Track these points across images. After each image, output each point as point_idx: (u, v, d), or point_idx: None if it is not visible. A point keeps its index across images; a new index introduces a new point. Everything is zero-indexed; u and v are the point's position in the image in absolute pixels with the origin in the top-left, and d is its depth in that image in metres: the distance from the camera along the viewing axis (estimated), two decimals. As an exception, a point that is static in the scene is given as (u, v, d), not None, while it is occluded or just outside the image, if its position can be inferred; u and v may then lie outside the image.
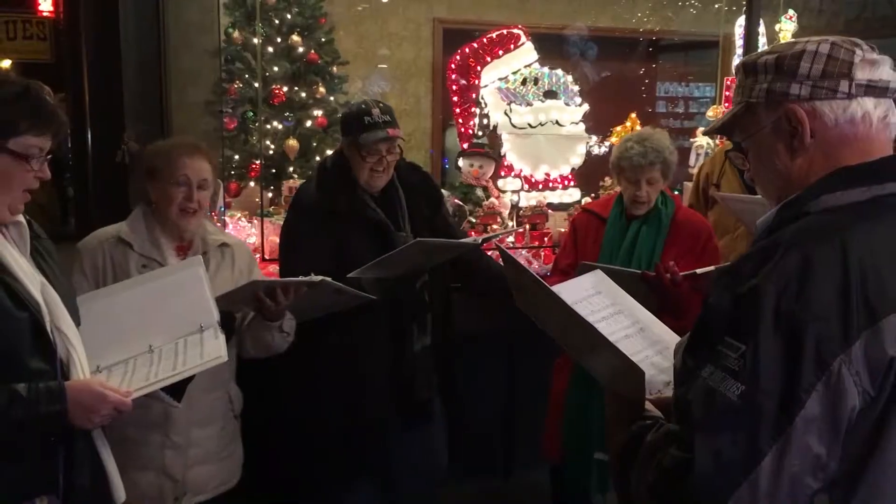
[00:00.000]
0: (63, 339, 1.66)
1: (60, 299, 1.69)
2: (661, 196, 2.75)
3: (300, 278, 2.22)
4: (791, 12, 5.18)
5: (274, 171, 4.74)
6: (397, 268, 2.56)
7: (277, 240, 3.79)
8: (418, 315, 2.74)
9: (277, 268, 3.45)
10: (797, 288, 1.05)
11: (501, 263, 3.57)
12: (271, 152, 4.59)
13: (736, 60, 5.22)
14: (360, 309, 2.53)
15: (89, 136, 4.41)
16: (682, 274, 2.49)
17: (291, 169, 4.65)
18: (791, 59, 1.20)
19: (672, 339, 1.61)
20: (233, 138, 4.77)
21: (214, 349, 1.82)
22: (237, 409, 2.41)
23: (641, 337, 1.58)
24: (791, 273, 1.06)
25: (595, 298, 1.62)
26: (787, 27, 5.18)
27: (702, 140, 4.82)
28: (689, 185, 4.85)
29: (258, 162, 4.59)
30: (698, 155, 4.83)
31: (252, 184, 4.67)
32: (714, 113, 5.25)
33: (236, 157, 4.72)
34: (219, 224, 3.62)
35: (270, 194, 4.13)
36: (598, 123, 4.80)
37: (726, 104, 5.14)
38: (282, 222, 3.89)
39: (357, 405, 2.64)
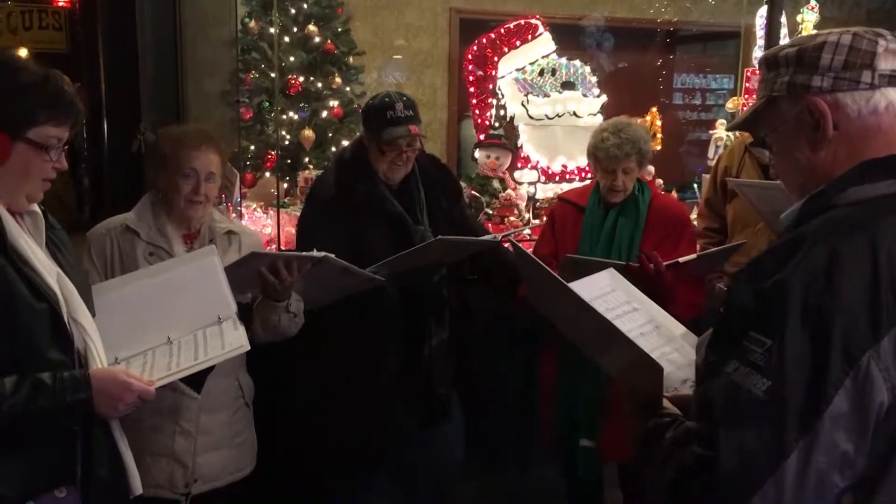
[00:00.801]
0: (80, 331, 1.65)
1: (76, 290, 1.68)
2: (638, 183, 2.76)
3: (302, 253, 2.20)
4: (813, 2, 5.10)
5: (289, 161, 4.73)
6: (415, 264, 2.54)
7: (293, 230, 3.82)
8: (436, 309, 2.72)
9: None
10: (825, 282, 1.04)
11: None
12: (287, 143, 4.58)
13: (757, 52, 5.14)
14: (378, 303, 2.51)
15: (105, 126, 4.43)
16: (665, 263, 2.48)
17: (307, 160, 4.64)
18: (812, 52, 1.19)
19: (688, 337, 1.59)
20: (248, 128, 4.76)
21: (236, 339, 1.81)
22: (248, 397, 2.40)
23: (657, 334, 1.57)
24: (818, 267, 1.05)
25: (611, 296, 1.60)
26: (809, 18, 5.09)
27: (721, 132, 4.78)
28: (706, 176, 4.82)
29: (274, 152, 4.57)
30: (717, 147, 4.78)
31: (268, 174, 4.66)
32: (734, 104, 5.19)
33: (252, 147, 4.71)
34: (234, 215, 3.62)
35: (286, 185, 4.12)
36: (615, 115, 4.75)
37: (746, 96, 5.08)
38: (298, 213, 3.91)
39: (374, 401, 2.62)
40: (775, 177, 1.33)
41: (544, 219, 4.11)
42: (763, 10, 5.06)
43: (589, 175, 4.60)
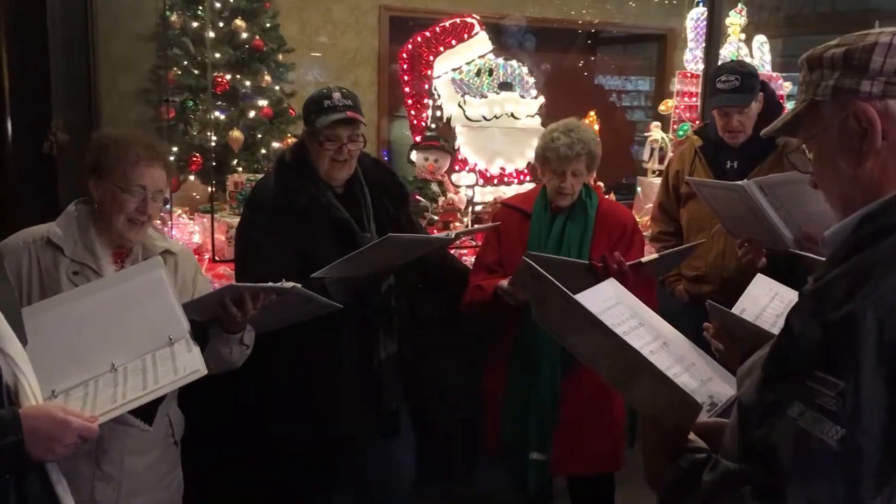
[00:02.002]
0: (8, 362, 1.44)
1: (2, 314, 1.46)
2: (585, 188, 2.71)
3: (271, 284, 2.03)
4: (740, 6, 5.19)
5: (215, 164, 4.48)
6: (366, 266, 2.44)
7: (223, 238, 3.61)
8: (384, 320, 2.62)
9: (227, 269, 3.28)
10: None
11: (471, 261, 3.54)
12: (213, 144, 4.33)
13: (687, 54, 5.19)
14: (325, 315, 2.36)
15: (9, 125, 4.09)
16: (628, 264, 2.43)
17: (235, 162, 4.40)
18: (862, 53, 1.08)
19: (696, 355, 1.49)
20: (171, 129, 4.49)
21: (190, 362, 1.63)
22: (178, 435, 2.19)
23: (666, 352, 1.46)
24: (894, 297, 0.95)
25: (616, 310, 1.49)
26: (736, 21, 5.18)
27: (656, 134, 4.79)
28: (643, 179, 4.83)
29: (199, 155, 4.32)
30: (653, 149, 4.79)
31: (192, 178, 4.40)
32: (666, 107, 5.23)
33: (175, 149, 4.43)
34: (157, 221, 3.37)
35: (212, 189, 3.88)
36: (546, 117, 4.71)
37: (678, 98, 5.12)
38: (227, 219, 3.70)
39: (324, 418, 2.52)
40: (814, 186, 1.22)
41: (482, 221, 4.04)
42: (693, 13, 5.13)
43: (528, 178, 4.55)
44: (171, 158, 4.31)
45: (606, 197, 3.63)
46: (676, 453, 1.17)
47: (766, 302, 1.94)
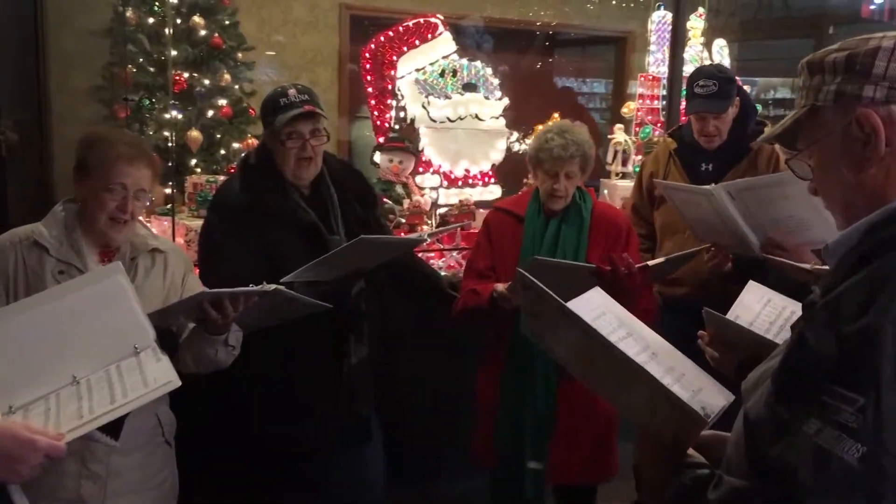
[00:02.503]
0: None
1: None
2: (578, 191, 2.67)
3: (252, 287, 1.98)
4: (701, 10, 5.23)
5: (171, 164, 4.35)
6: (337, 269, 2.39)
7: (182, 241, 3.50)
8: (355, 325, 2.56)
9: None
10: None
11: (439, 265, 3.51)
12: (171, 144, 4.20)
13: (649, 57, 5.22)
14: (295, 321, 2.31)
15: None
16: (637, 266, 2.40)
17: (194, 163, 4.28)
18: (864, 58, 1.06)
19: (685, 364, 1.46)
20: (125, 128, 4.34)
21: (161, 373, 1.55)
22: (168, 434, 2.15)
23: (656, 363, 1.43)
24: None
25: (603, 320, 1.45)
26: (697, 24, 5.23)
27: (619, 136, 4.80)
28: (606, 181, 4.84)
29: (155, 155, 4.18)
30: (616, 151, 4.80)
31: (149, 179, 4.27)
32: (628, 110, 5.25)
33: (130, 149, 4.29)
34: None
35: (173, 191, 3.77)
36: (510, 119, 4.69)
37: (640, 100, 5.14)
38: (187, 222, 3.60)
39: (295, 424, 2.46)
40: (814, 193, 1.19)
41: (458, 226, 3.99)
42: (655, 16, 5.15)
43: (492, 180, 4.52)
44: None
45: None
46: (677, 469, 1.14)
47: (760, 309, 1.92)
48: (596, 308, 1.45)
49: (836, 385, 0.93)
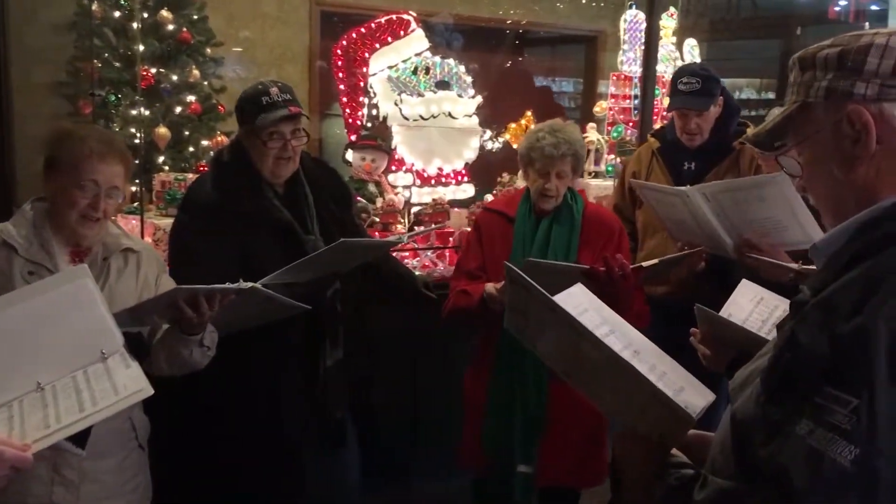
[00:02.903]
0: None
1: None
2: (570, 192, 2.64)
3: (228, 285, 1.93)
4: (673, 10, 5.25)
5: (138, 162, 4.26)
6: (315, 271, 2.34)
7: (150, 240, 3.42)
8: (330, 327, 2.52)
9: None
10: None
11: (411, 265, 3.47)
12: (138, 141, 4.11)
13: (621, 56, 5.22)
14: (270, 323, 2.27)
15: None
16: (630, 267, 2.38)
17: (162, 160, 4.19)
18: (856, 54, 1.04)
19: (667, 363, 1.45)
20: (89, 125, 4.24)
21: (132, 381, 1.50)
22: (142, 438, 2.11)
23: (638, 361, 1.41)
24: None
25: (586, 316, 1.42)
26: (668, 24, 5.24)
27: (592, 135, 4.80)
28: (579, 180, 4.83)
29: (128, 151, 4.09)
30: (589, 150, 4.79)
31: (114, 176, 4.17)
32: (600, 109, 5.25)
33: (95, 146, 4.19)
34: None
35: (141, 189, 3.69)
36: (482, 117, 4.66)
37: (612, 100, 5.15)
38: (155, 220, 3.52)
39: (270, 429, 2.43)
40: (803, 191, 1.18)
41: (420, 227, 3.96)
42: (627, 14, 5.16)
43: (466, 179, 4.49)
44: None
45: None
46: (661, 469, 1.12)
47: (752, 307, 1.92)
48: (579, 304, 1.43)
49: (829, 386, 0.91)
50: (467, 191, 4.45)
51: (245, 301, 1.99)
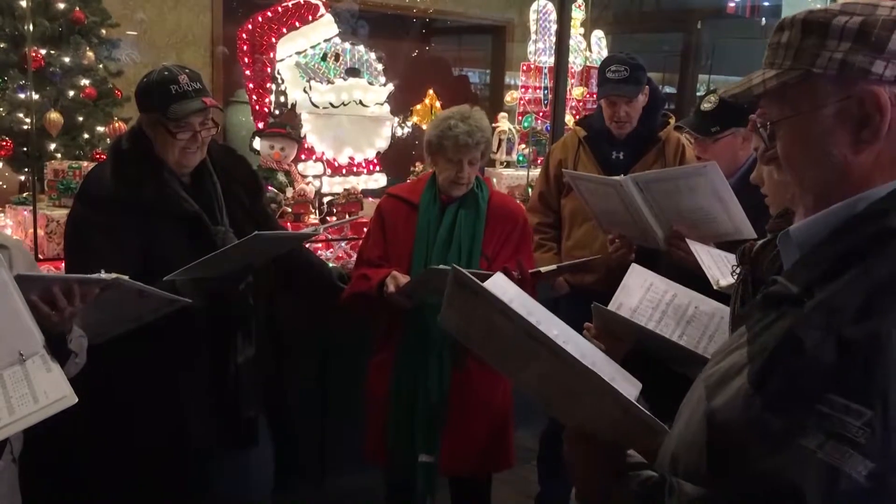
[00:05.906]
0: None
1: None
2: (476, 179, 2.62)
3: (88, 275, 1.77)
4: (580, 1, 5.30)
5: (26, 149, 3.99)
6: (227, 266, 2.26)
7: (42, 233, 3.21)
8: (242, 322, 2.43)
9: (52, 269, 2.93)
10: None
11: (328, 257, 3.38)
12: (27, 127, 3.85)
13: (531, 46, 5.23)
14: (177, 317, 2.16)
15: None
16: (529, 272, 2.39)
17: (54, 147, 3.94)
18: (881, 29, 0.93)
19: (595, 353, 1.42)
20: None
21: (53, 387, 1.38)
22: (16, 452, 1.87)
23: (571, 349, 1.38)
24: None
25: (513, 305, 1.38)
26: (576, 15, 5.28)
27: (504, 125, 4.80)
28: (491, 170, 4.83)
29: (9, 139, 3.83)
30: (501, 140, 4.80)
31: (1, 165, 3.90)
32: (512, 98, 5.26)
33: (-22, 132, 3.91)
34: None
35: (33, 178, 3.45)
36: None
37: (523, 90, 5.16)
38: (47, 212, 3.30)
39: (175, 429, 2.34)
40: (773, 166, 1.13)
41: (334, 218, 3.87)
42: (536, 5, 5.18)
43: (377, 168, 4.41)
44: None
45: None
46: (620, 472, 1.08)
47: (642, 294, 1.94)
48: (504, 294, 1.38)
49: (838, 395, 0.85)
50: (379, 180, 4.37)
51: (117, 297, 1.83)
